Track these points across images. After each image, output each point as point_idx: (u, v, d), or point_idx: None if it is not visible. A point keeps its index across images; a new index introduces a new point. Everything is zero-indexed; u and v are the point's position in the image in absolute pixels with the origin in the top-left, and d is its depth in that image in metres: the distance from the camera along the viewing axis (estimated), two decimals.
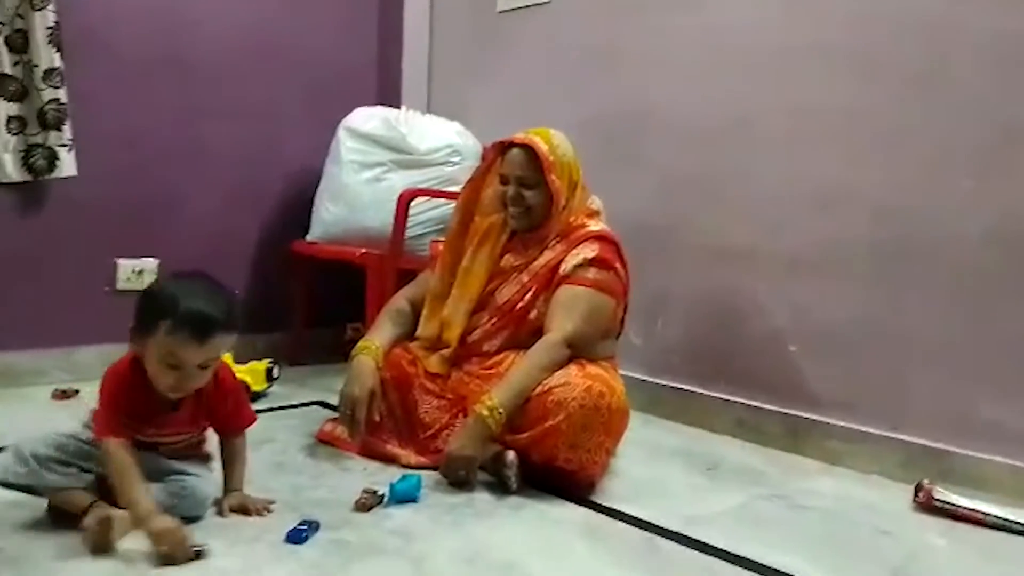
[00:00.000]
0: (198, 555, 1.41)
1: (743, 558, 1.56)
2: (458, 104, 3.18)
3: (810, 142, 2.28)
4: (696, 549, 1.60)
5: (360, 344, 2.12)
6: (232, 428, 1.67)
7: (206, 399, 1.60)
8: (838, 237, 2.22)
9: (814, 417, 2.26)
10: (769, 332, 2.36)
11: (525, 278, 2.07)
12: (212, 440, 1.70)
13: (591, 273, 2.00)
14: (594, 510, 1.78)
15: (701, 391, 2.50)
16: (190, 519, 1.54)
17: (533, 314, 2.04)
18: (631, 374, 2.42)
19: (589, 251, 2.01)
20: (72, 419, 1.62)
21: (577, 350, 1.94)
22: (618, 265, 2.05)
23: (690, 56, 2.54)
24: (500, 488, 1.84)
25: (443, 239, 2.30)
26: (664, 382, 2.58)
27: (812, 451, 2.24)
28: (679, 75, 2.57)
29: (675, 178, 2.57)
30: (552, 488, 1.85)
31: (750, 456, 2.24)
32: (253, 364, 2.54)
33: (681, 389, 2.54)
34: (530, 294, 2.05)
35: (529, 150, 2.04)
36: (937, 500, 1.86)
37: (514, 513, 1.74)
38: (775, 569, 1.53)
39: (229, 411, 1.64)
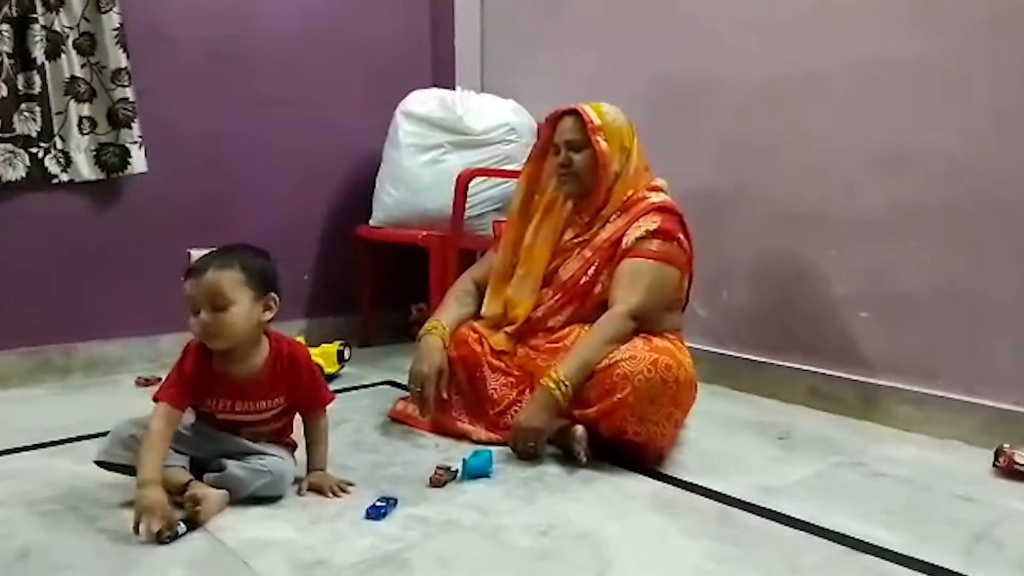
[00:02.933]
0: (172, 537, 1.42)
1: (821, 528, 1.55)
2: (512, 81, 3.17)
3: (877, 98, 2.21)
4: (772, 519, 1.59)
5: (427, 324, 2.16)
6: (312, 405, 1.72)
7: (282, 372, 1.65)
8: (910, 196, 2.16)
9: (888, 383, 2.22)
10: (840, 298, 2.32)
11: (588, 253, 2.07)
12: (297, 431, 1.75)
13: (654, 245, 1.99)
14: (666, 482, 1.78)
15: (771, 360, 2.47)
16: (271, 498, 1.60)
17: (597, 289, 2.04)
18: (697, 346, 2.40)
19: (651, 223, 2.01)
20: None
21: (642, 323, 1.94)
22: (681, 236, 2.04)
23: (747, 15, 2.47)
24: (570, 462, 1.85)
25: (505, 219, 2.31)
26: (732, 353, 2.55)
27: (887, 418, 2.20)
28: (736, 36, 2.50)
29: (737, 143, 2.53)
30: (622, 461, 1.86)
31: (823, 425, 2.21)
32: (325, 347, 2.61)
33: (750, 359, 2.51)
34: (593, 269, 2.05)
35: (576, 115, 2.06)
36: (1018, 464, 1.81)
37: (586, 486, 1.75)
38: (854, 538, 1.51)
39: (306, 386, 1.69)
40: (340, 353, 2.64)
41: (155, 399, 1.55)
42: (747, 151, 2.50)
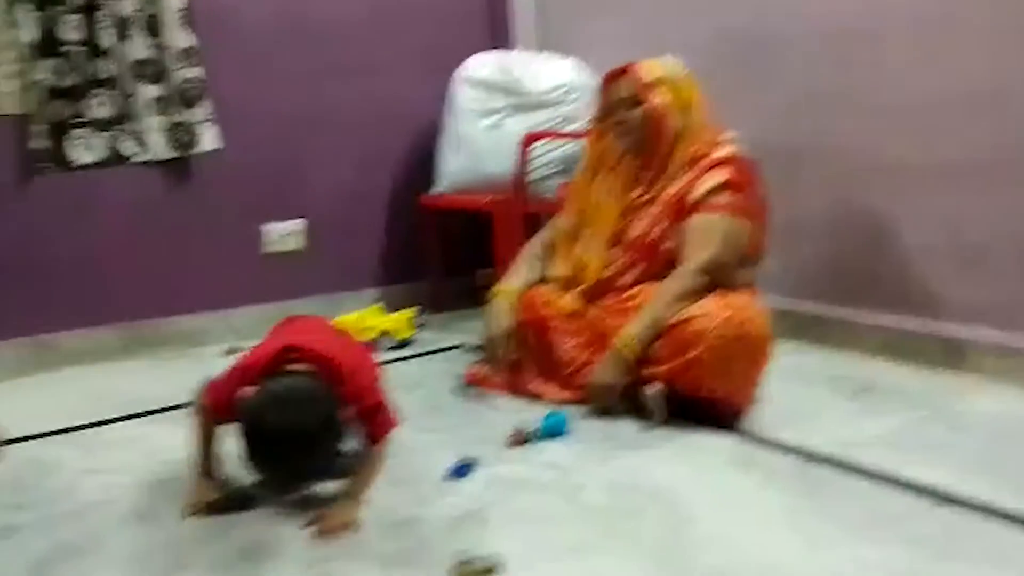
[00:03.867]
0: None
1: (902, 480, 1.53)
2: (572, 39, 3.12)
3: (952, 43, 2.11)
4: (852, 473, 1.58)
5: (495, 288, 2.18)
6: (367, 434, 1.54)
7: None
8: (992, 142, 2.07)
9: (971, 334, 2.15)
10: (918, 248, 2.25)
11: (655, 210, 2.05)
12: None
13: (723, 198, 1.96)
14: (743, 438, 1.78)
15: (848, 314, 2.41)
16: None
17: (666, 245, 2.02)
18: (773, 301, 2.36)
19: (719, 176, 1.97)
20: None
21: (715, 277, 1.92)
22: (751, 187, 2.00)
23: None
24: (646, 420, 1.86)
25: (571, 181, 2.31)
26: (808, 307, 2.50)
27: (970, 369, 2.14)
28: None
29: (808, 93, 2.44)
30: (699, 418, 1.86)
31: (903, 377, 2.16)
32: (400, 313, 2.66)
33: (827, 313, 2.46)
34: (661, 226, 2.03)
35: (630, 72, 2.04)
36: None
37: (663, 444, 1.76)
38: (937, 490, 1.48)
39: (366, 419, 1.52)
40: (414, 319, 2.68)
41: (205, 403, 1.54)
42: (820, 101, 2.42)
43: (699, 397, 1.85)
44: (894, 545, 1.31)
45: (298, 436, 1.37)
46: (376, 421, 1.52)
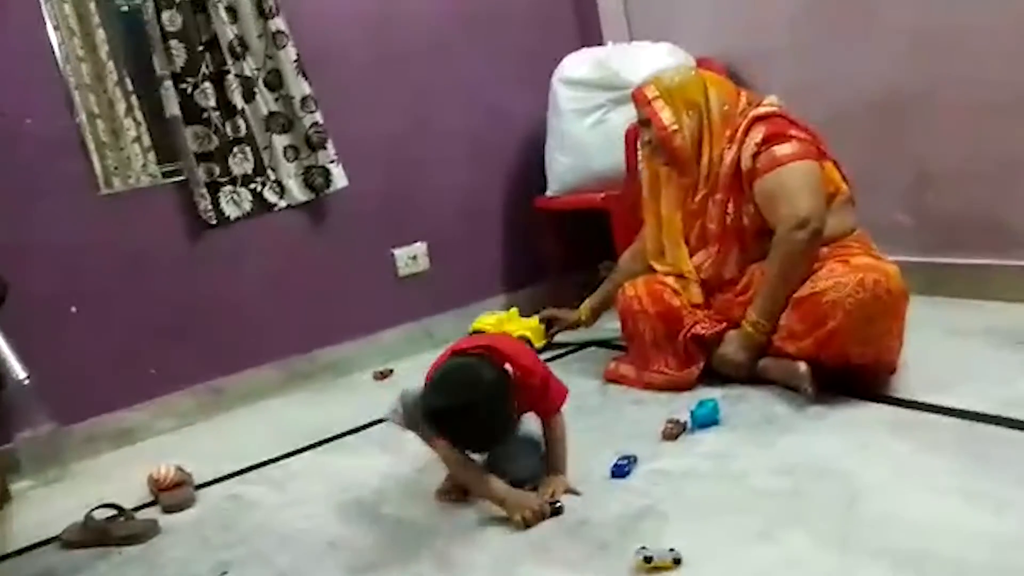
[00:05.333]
0: (557, 511, 1.57)
1: None
2: (662, 22, 3.12)
3: None
4: (1021, 430, 1.54)
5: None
6: (545, 410, 1.70)
7: (524, 399, 1.63)
8: None
9: None
10: None
11: (719, 196, 2.07)
12: None
13: (774, 154, 1.96)
14: (900, 406, 1.76)
15: (992, 261, 2.32)
16: None
17: (745, 221, 2.04)
18: (907, 257, 2.28)
19: (757, 135, 1.99)
20: (393, 394, 1.81)
21: (814, 224, 1.89)
22: (793, 130, 1.99)
23: None
24: (798, 400, 1.86)
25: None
26: (947, 259, 2.41)
27: None
28: None
29: (925, 35, 2.34)
30: (850, 390, 1.84)
31: None
32: (530, 320, 2.72)
33: (969, 263, 2.37)
34: (731, 206, 2.05)
35: (634, 95, 2.17)
36: None
37: (819, 422, 1.76)
38: None
39: (538, 395, 1.66)
40: (547, 326, 2.68)
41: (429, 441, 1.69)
42: (937, 42, 2.32)
43: (850, 365, 1.84)
44: None
45: (465, 406, 1.52)
46: (548, 393, 1.67)
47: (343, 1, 2.90)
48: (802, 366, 1.86)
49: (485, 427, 1.56)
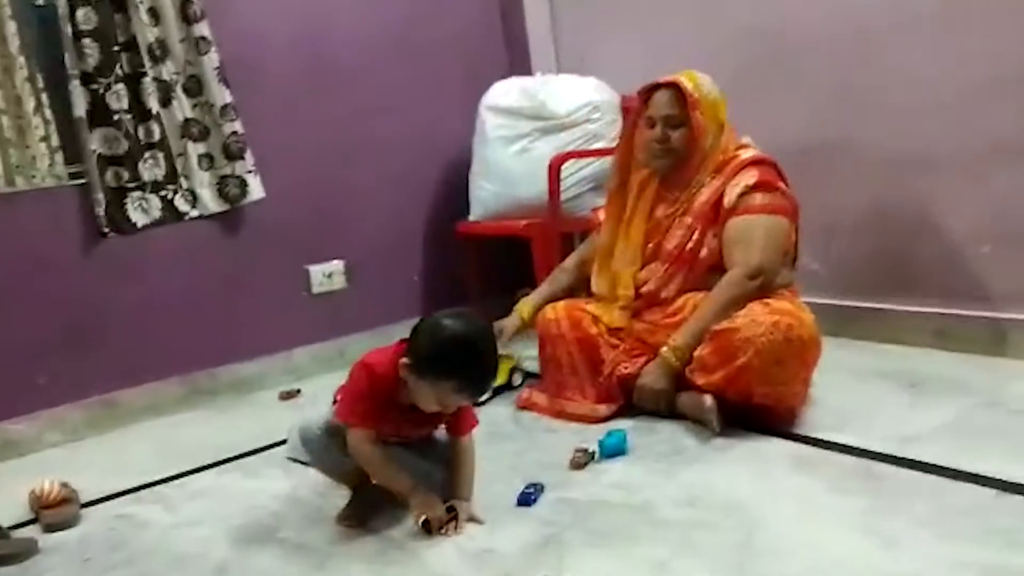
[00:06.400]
0: (454, 517, 1.56)
1: (966, 472, 1.55)
2: (589, 57, 3.17)
3: (974, 24, 2.13)
4: (914, 468, 1.60)
5: (518, 304, 2.36)
6: (458, 427, 1.68)
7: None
8: (1019, 125, 2.09)
9: (1018, 317, 2.16)
10: (958, 235, 2.26)
11: (688, 219, 2.08)
12: None
13: (757, 199, 1.99)
14: (802, 442, 1.81)
15: (893, 306, 2.43)
16: None
17: (703, 253, 2.05)
18: (816, 300, 2.36)
19: (749, 177, 2.00)
20: (299, 415, 1.81)
21: (766, 278, 1.94)
22: (782, 184, 2.03)
23: None
24: (703, 432, 1.89)
25: (603, 205, 2.36)
26: (851, 302, 2.52)
27: (1019, 353, 2.15)
28: None
29: (830, 92, 2.47)
30: (754, 426, 1.88)
31: (954, 366, 2.17)
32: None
33: (871, 307, 2.48)
34: (697, 233, 2.06)
35: (675, 88, 2.05)
36: None
37: (723, 454, 1.80)
38: (1002, 480, 1.50)
39: (459, 413, 1.66)
40: (511, 373, 2.46)
41: (345, 421, 1.59)
42: (842, 98, 2.45)
43: (752, 403, 1.88)
44: (968, 540, 1.33)
45: (485, 329, 1.61)
46: (463, 411, 1.66)
47: (271, 12, 2.85)
48: (708, 399, 1.89)
49: (495, 359, 1.58)
